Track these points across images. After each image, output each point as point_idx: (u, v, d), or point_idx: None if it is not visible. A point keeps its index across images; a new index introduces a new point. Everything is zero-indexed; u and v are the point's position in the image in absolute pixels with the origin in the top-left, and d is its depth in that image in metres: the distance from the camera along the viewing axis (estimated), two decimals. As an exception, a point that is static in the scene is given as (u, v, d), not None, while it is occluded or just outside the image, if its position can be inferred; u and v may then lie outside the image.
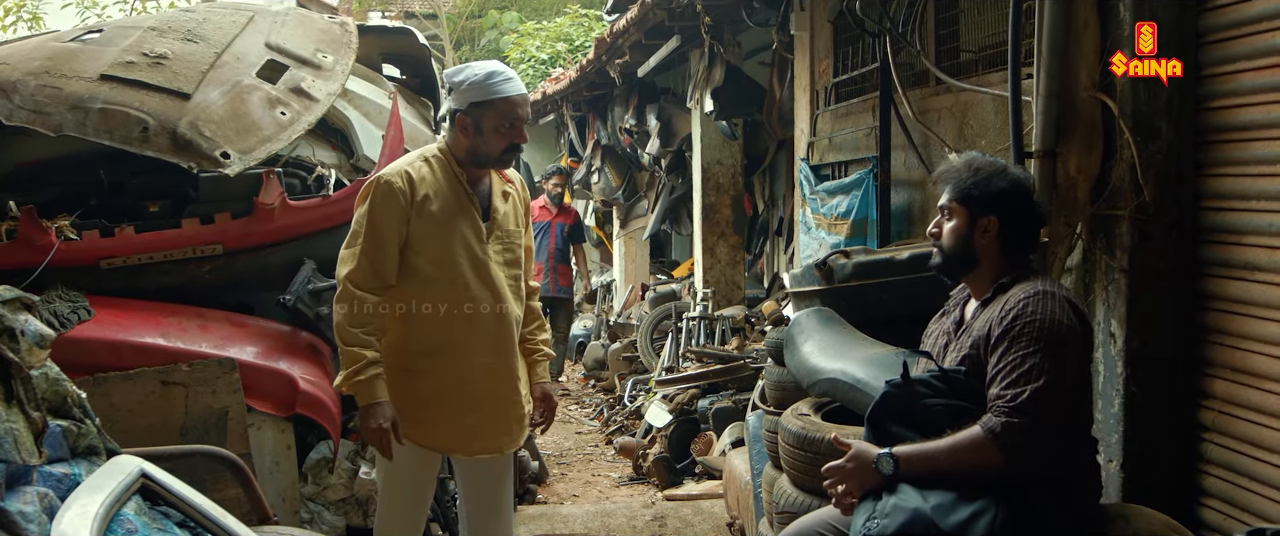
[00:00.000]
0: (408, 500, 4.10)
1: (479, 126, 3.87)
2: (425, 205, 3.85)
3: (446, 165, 3.95)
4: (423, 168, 3.91)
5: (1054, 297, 2.98)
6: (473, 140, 3.90)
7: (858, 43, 6.75)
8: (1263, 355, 3.42)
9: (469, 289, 3.93)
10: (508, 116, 3.86)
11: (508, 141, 3.90)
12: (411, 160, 3.95)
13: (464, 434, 4.03)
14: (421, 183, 3.87)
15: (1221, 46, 3.54)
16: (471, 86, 3.85)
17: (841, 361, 4.08)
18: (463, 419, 4.00)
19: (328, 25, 6.14)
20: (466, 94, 3.86)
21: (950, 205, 3.20)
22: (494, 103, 3.84)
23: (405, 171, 3.87)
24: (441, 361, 3.96)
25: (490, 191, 4.06)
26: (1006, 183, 3.14)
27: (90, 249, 4.79)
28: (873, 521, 2.91)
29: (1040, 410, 2.85)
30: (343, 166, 5.72)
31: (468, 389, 3.98)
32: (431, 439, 4.02)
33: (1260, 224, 3.42)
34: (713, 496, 6.77)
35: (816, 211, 6.89)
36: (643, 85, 11.66)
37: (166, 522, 2.74)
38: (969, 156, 3.26)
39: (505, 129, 3.87)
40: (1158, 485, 3.76)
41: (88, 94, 4.92)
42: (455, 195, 3.93)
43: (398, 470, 4.02)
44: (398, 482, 4.07)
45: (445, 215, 3.89)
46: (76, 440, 2.80)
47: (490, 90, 3.83)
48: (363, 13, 21.10)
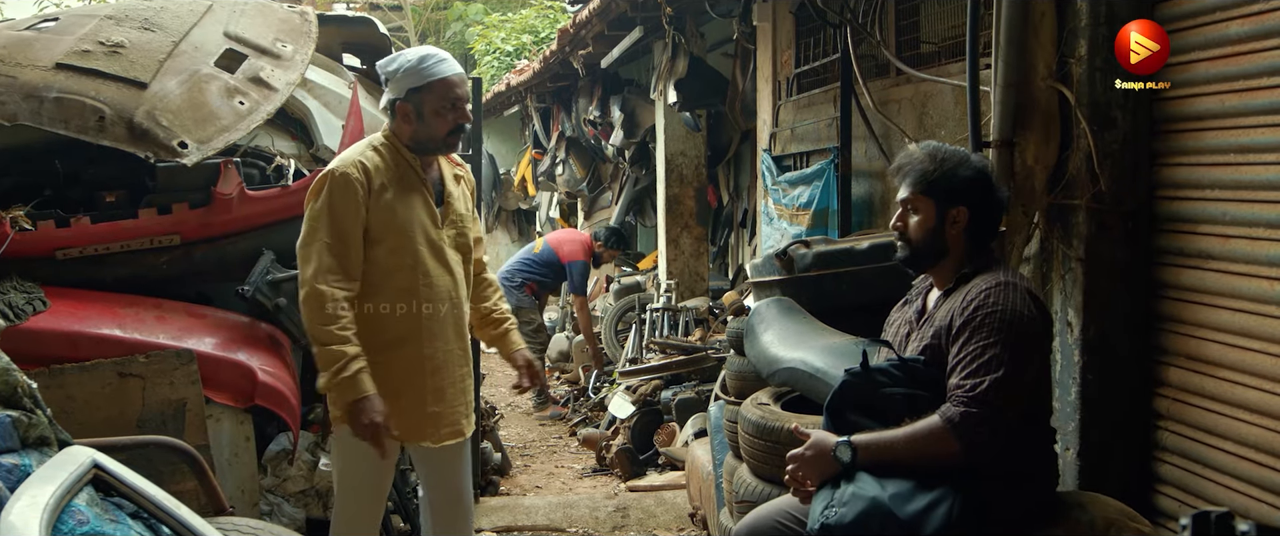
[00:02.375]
0: (367, 493, 4.06)
1: (420, 112, 3.84)
2: (381, 194, 3.82)
3: (396, 152, 3.91)
4: (374, 156, 3.87)
5: (1016, 289, 2.98)
6: (416, 126, 3.87)
7: (820, 34, 6.76)
8: (1217, 343, 3.45)
9: (428, 276, 3.92)
10: (447, 97, 3.84)
11: (452, 123, 3.88)
12: (361, 150, 3.90)
13: (430, 421, 4.01)
14: (376, 172, 3.83)
15: (1177, 36, 3.56)
16: (407, 72, 3.82)
17: (801, 351, 4.08)
18: (428, 406, 3.98)
19: (287, 14, 6.10)
20: (403, 81, 3.83)
21: (914, 198, 3.16)
22: (431, 85, 3.81)
23: (359, 162, 3.83)
24: (405, 351, 3.93)
25: (442, 176, 4.05)
26: (971, 171, 3.13)
27: (46, 239, 4.74)
28: (831, 510, 2.90)
29: (999, 400, 2.85)
30: (302, 156, 5.69)
31: (432, 376, 3.96)
32: (401, 428, 3.96)
33: (1214, 212, 3.45)
34: (675, 487, 6.78)
35: (779, 202, 6.90)
36: (607, 77, 11.64)
37: (119, 514, 2.71)
38: (929, 147, 3.22)
39: (446, 110, 3.85)
40: (1114, 473, 3.79)
41: (43, 83, 4.87)
42: (408, 182, 3.91)
43: (358, 463, 3.96)
44: (358, 476, 4.02)
45: (401, 203, 3.87)
46: (27, 431, 2.77)
47: (426, 73, 3.81)
48: (328, 3, 20.95)
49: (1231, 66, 3.36)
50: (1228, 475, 3.40)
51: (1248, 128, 3.31)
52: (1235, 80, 3.35)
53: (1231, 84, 3.36)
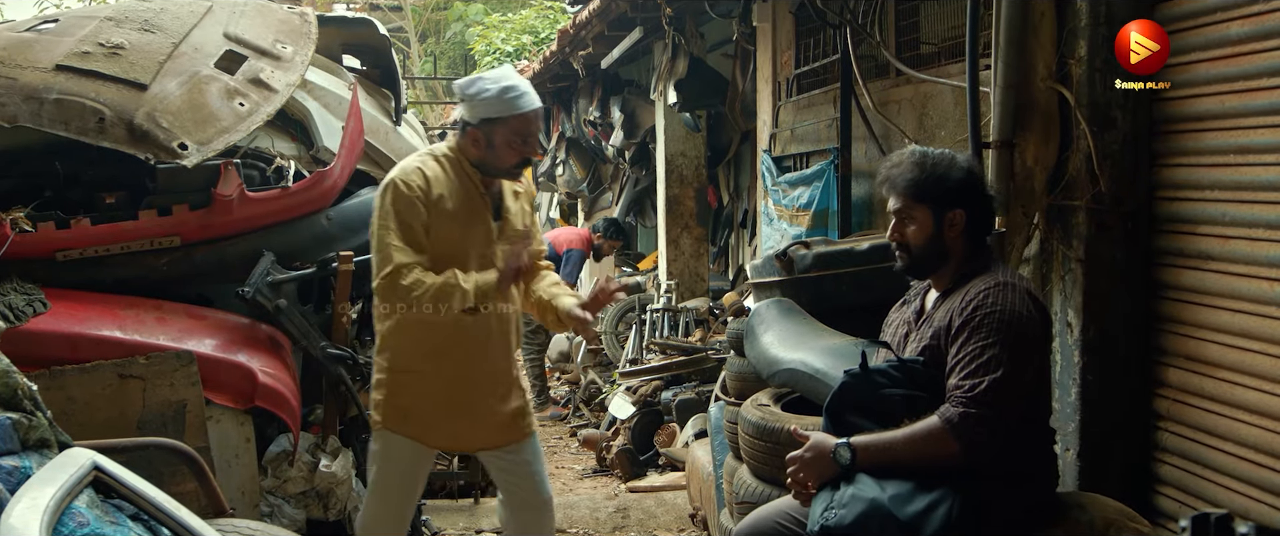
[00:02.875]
0: (398, 496, 4.10)
1: (490, 141, 3.85)
2: (440, 203, 3.84)
3: (459, 166, 3.93)
4: (435, 167, 3.90)
5: (1014, 289, 2.98)
6: (484, 153, 3.89)
7: (820, 34, 6.77)
8: (1216, 344, 3.45)
9: None
10: (521, 132, 3.85)
11: (519, 156, 3.90)
12: (422, 159, 3.93)
13: (480, 427, 4.06)
14: (436, 182, 3.86)
15: (1177, 37, 3.56)
16: (484, 101, 3.82)
17: (801, 352, 4.08)
18: (467, 417, 4.02)
19: (287, 16, 6.09)
20: (479, 108, 3.83)
21: (908, 206, 3.14)
22: (507, 119, 3.82)
23: (418, 168, 3.86)
24: (447, 362, 3.96)
25: (501, 191, 4.05)
26: (961, 173, 3.12)
27: (46, 241, 4.73)
28: (831, 511, 2.91)
29: (998, 401, 2.85)
30: (302, 158, 5.67)
31: (475, 387, 3.98)
32: (437, 438, 4.05)
33: (1214, 213, 3.45)
34: (676, 488, 6.78)
35: (778, 203, 6.90)
36: (607, 77, 11.63)
37: (119, 516, 2.71)
38: (914, 154, 3.18)
39: (517, 144, 3.86)
40: (1114, 473, 3.79)
41: (43, 84, 4.86)
42: (469, 195, 3.92)
43: (393, 465, 4.04)
44: (392, 478, 4.07)
45: (459, 215, 3.89)
46: (27, 433, 2.77)
47: (505, 106, 3.81)
48: (328, 3, 20.96)
49: (1231, 67, 3.36)
50: (1227, 476, 3.40)
51: (1247, 129, 3.31)
52: (1235, 81, 3.35)
53: (1231, 85, 3.36)
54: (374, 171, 6.21)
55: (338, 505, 5.14)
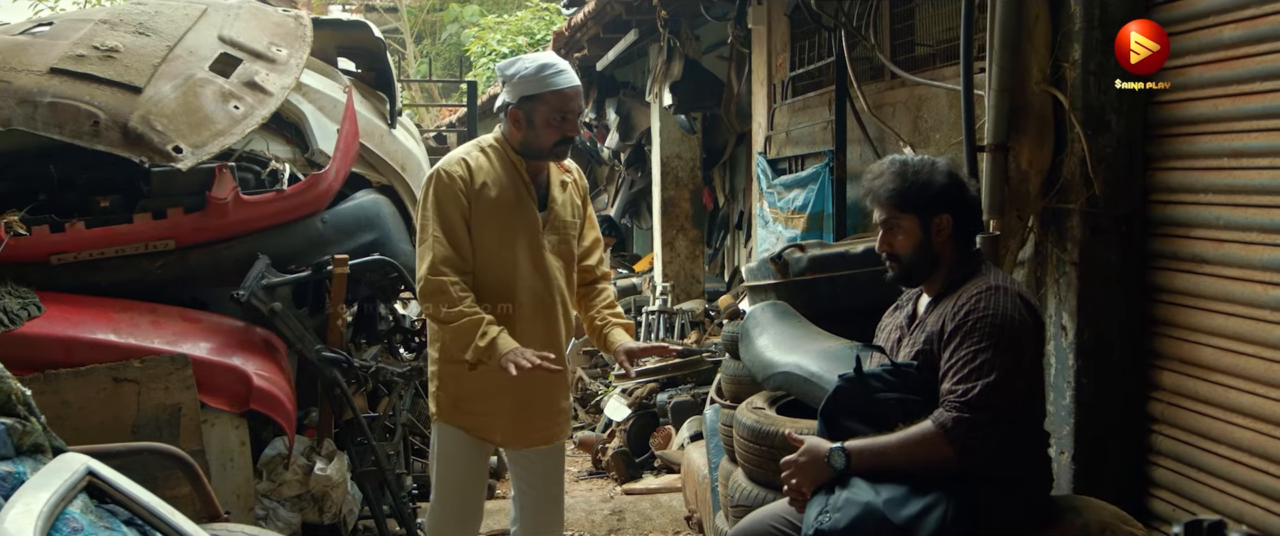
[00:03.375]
0: (460, 490, 4.13)
1: (531, 120, 3.89)
2: (483, 193, 3.88)
3: (504, 155, 3.97)
4: (480, 157, 3.94)
5: (1006, 293, 2.98)
6: (525, 133, 3.92)
7: (814, 36, 6.77)
8: (1210, 348, 3.45)
9: (525, 280, 3.97)
10: (560, 109, 3.88)
11: (559, 134, 3.91)
12: (468, 150, 3.98)
13: (518, 426, 4.08)
14: (479, 171, 3.90)
15: (1171, 40, 3.56)
16: (522, 79, 3.86)
17: (796, 355, 4.09)
18: (516, 411, 4.04)
19: (282, 18, 6.09)
20: (518, 87, 3.87)
21: (893, 216, 3.14)
22: (545, 96, 3.86)
23: (463, 159, 3.91)
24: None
25: (548, 181, 4.08)
26: (944, 177, 3.11)
27: (40, 244, 4.74)
28: (825, 515, 2.90)
29: (991, 405, 2.85)
30: (297, 161, 5.68)
31: (522, 381, 3.89)
32: (487, 431, 4.06)
33: (1208, 217, 3.45)
34: (671, 490, 6.78)
35: (774, 205, 6.91)
36: (602, 79, 11.65)
37: (114, 521, 2.71)
38: (894, 164, 3.17)
39: (557, 122, 3.88)
40: (1109, 476, 3.79)
41: (37, 88, 4.86)
42: (514, 185, 3.95)
43: (453, 463, 4.08)
44: (450, 471, 4.10)
45: (504, 205, 3.92)
46: (21, 438, 2.77)
47: (542, 83, 3.85)
48: (324, 6, 20.95)
49: (1225, 71, 3.36)
50: (1222, 479, 3.40)
51: (1241, 132, 3.31)
52: (1229, 84, 3.35)
53: (1225, 88, 3.36)
54: (369, 174, 6.22)
55: (333, 508, 5.14)
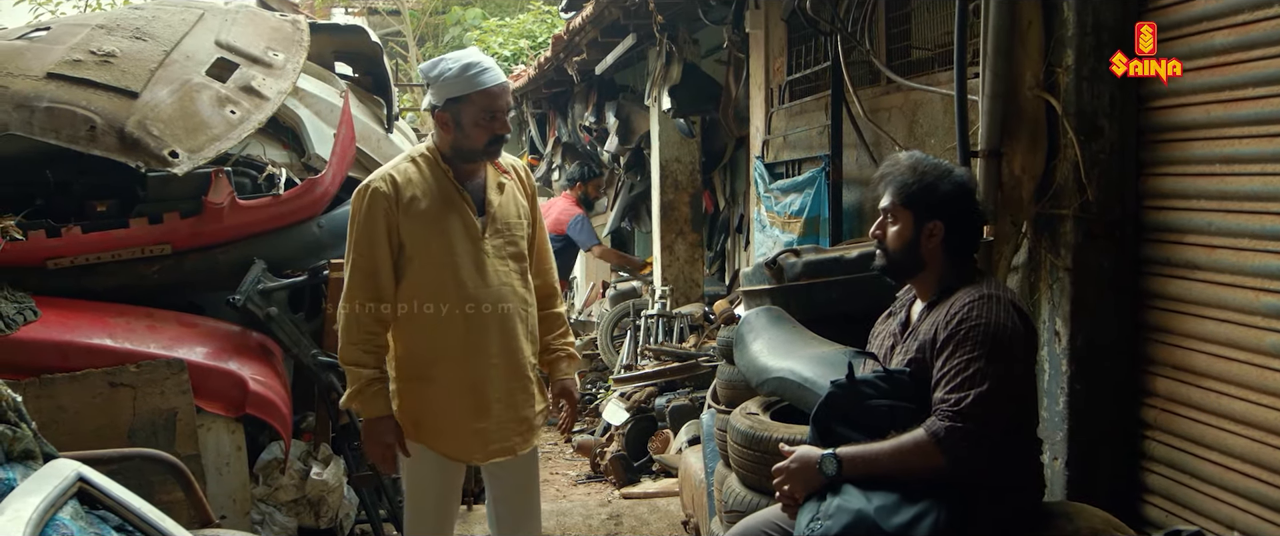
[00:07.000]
0: (433, 506, 4.03)
1: (458, 121, 3.77)
2: (413, 206, 3.78)
3: (434, 163, 3.86)
4: (409, 168, 3.84)
5: (999, 301, 2.98)
6: (454, 136, 3.81)
7: (812, 41, 6.76)
8: (1203, 353, 3.45)
9: (468, 289, 3.84)
10: (487, 109, 3.76)
11: (490, 133, 3.80)
12: (397, 163, 3.88)
13: (477, 439, 3.94)
14: (407, 184, 3.79)
15: (1164, 46, 3.56)
16: (447, 81, 3.74)
17: (789, 360, 4.08)
18: (473, 423, 3.91)
19: (279, 23, 6.11)
20: (443, 89, 3.76)
21: (894, 208, 3.18)
22: (471, 97, 3.74)
23: (389, 175, 3.80)
24: (451, 366, 3.86)
25: (484, 184, 3.94)
26: (951, 186, 3.13)
27: (36, 249, 4.75)
28: (816, 522, 2.90)
29: (984, 414, 2.85)
30: (294, 165, 5.69)
31: (478, 393, 3.88)
32: (448, 447, 3.93)
33: (1201, 223, 3.45)
34: (669, 494, 6.78)
35: (771, 209, 6.90)
36: (602, 83, 11.63)
37: (104, 527, 2.72)
38: (913, 158, 3.22)
39: (485, 122, 3.77)
40: (1102, 483, 3.79)
41: (34, 92, 4.88)
42: (444, 193, 3.84)
43: (423, 481, 3.98)
44: (427, 493, 4.01)
45: (436, 215, 3.81)
46: (11, 444, 2.78)
47: (468, 83, 3.73)
48: (326, 9, 20.95)
49: (1217, 77, 3.36)
50: (1215, 485, 3.40)
51: (1233, 138, 3.31)
52: (1221, 90, 3.35)
53: (1217, 94, 3.36)
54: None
55: (329, 513, 5.15)
